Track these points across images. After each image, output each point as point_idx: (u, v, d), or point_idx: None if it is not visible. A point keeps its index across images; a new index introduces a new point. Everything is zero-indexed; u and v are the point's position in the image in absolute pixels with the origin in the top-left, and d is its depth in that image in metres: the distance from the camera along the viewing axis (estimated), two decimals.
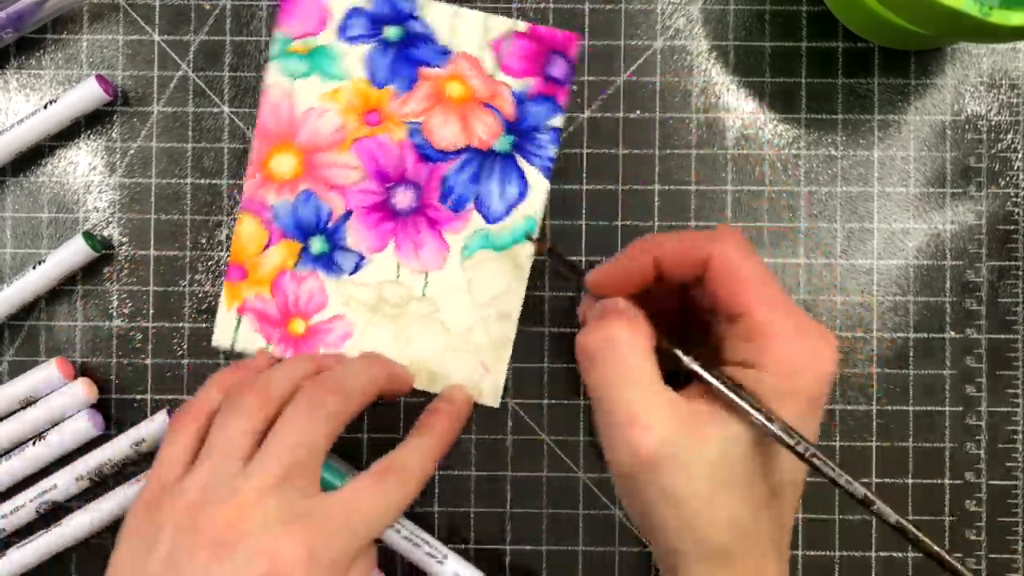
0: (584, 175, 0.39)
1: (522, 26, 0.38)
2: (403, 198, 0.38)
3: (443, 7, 0.38)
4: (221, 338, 0.38)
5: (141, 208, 0.39)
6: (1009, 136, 0.39)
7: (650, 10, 0.39)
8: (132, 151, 0.39)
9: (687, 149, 0.39)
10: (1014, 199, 0.39)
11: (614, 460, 0.28)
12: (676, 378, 0.29)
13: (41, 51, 0.39)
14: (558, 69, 0.38)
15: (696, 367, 0.29)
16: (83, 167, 0.39)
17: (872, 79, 0.39)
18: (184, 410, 0.34)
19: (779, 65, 0.39)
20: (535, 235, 0.37)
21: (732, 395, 0.28)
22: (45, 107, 0.37)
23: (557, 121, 0.38)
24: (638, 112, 0.39)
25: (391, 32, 0.38)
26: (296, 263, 0.38)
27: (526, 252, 0.38)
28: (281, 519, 0.30)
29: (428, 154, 0.38)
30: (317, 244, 0.38)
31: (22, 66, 0.39)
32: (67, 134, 0.39)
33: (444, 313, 0.38)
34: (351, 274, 0.38)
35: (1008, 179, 0.39)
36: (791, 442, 0.27)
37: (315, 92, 0.38)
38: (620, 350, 0.28)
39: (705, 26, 0.39)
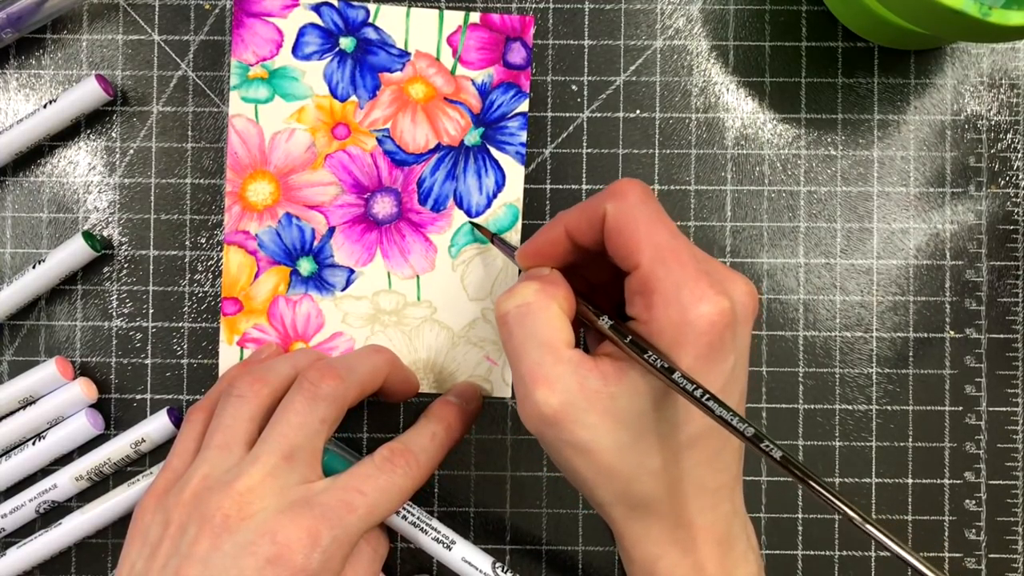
0: (584, 175, 0.39)
1: (475, 17, 0.38)
2: (383, 207, 0.38)
3: (395, 10, 0.38)
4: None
5: (141, 208, 0.39)
6: (1009, 136, 0.39)
7: (650, 10, 0.39)
8: (132, 151, 0.39)
9: (687, 149, 0.39)
10: (1014, 199, 0.39)
11: (524, 420, 0.28)
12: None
13: (41, 51, 0.39)
14: (517, 55, 0.38)
15: (600, 323, 0.29)
16: (83, 167, 0.39)
17: (872, 79, 0.39)
18: (198, 404, 0.35)
19: (779, 65, 0.39)
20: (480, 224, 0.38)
21: (627, 349, 0.27)
22: (45, 107, 0.37)
23: (523, 107, 0.38)
24: (638, 112, 0.39)
25: (346, 43, 0.38)
26: (288, 288, 0.38)
27: (515, 241, 0.38)
28: (282, 502, 0.30)
29: (401, 159, 0.38)
30: (305, 266, 0.38)
31: (22, 66, 0.39)
32: (67, 134, 0.39)
33: (442, 313, 0.38)
34: (343, 290, 0.38)
35: (1008, 179, 0.39)
36: (690, 388, 0.26)
37: (280, 115, 0.38)
38: (529, 313, 0.29)
39: (705, 26, 0.39)
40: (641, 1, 0.39)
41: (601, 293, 0.32)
